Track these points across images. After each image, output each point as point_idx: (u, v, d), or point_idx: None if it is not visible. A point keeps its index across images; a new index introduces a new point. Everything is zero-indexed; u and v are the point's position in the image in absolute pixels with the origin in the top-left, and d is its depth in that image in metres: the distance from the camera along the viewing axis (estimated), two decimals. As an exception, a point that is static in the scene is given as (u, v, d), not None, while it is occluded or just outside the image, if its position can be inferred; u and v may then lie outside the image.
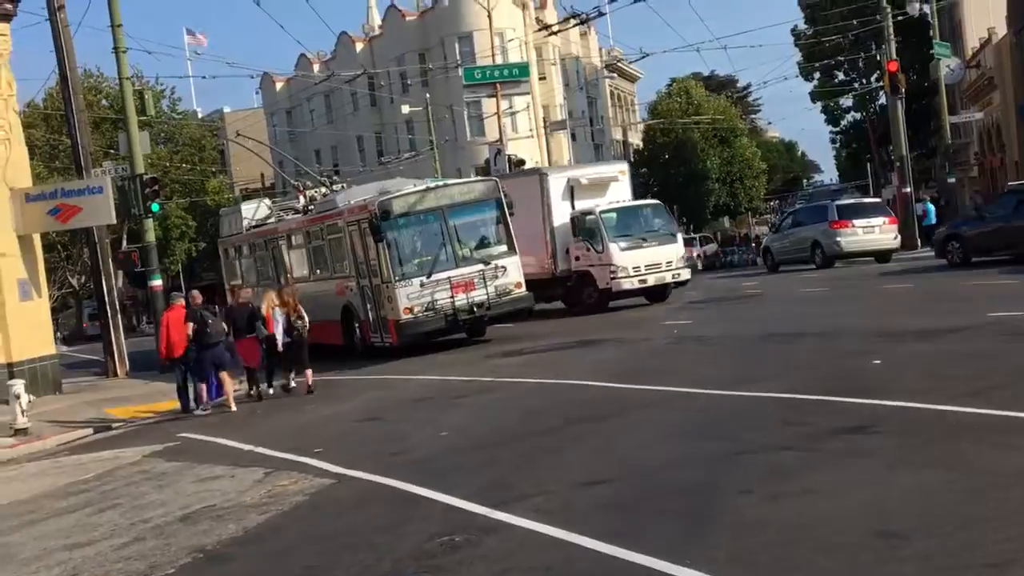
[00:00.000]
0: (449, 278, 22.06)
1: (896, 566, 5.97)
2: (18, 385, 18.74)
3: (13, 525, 11.13)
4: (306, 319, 19.68)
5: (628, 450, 10.19)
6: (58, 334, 40.34)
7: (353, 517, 9.21)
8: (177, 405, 18.98)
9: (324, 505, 9.82)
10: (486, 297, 22.23)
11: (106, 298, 28.03)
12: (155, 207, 27.37)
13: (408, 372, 19.87)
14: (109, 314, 27.93)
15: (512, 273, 22.92)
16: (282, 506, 9.89)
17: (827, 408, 10.53)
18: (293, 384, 19.63)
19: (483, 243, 23.54)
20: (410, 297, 21.74)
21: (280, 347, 19.37)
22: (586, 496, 8.58)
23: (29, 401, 18.73)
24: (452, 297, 21.95)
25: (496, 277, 22.50)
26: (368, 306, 23.14)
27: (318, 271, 26.08)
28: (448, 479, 9.77)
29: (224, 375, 18.39)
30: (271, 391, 19.82)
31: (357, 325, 23.92)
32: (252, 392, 19.47)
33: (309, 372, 19.32)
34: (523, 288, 23.20)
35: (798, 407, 10.77)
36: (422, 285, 21.91)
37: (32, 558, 9.40)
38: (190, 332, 17.98)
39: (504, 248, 23.36)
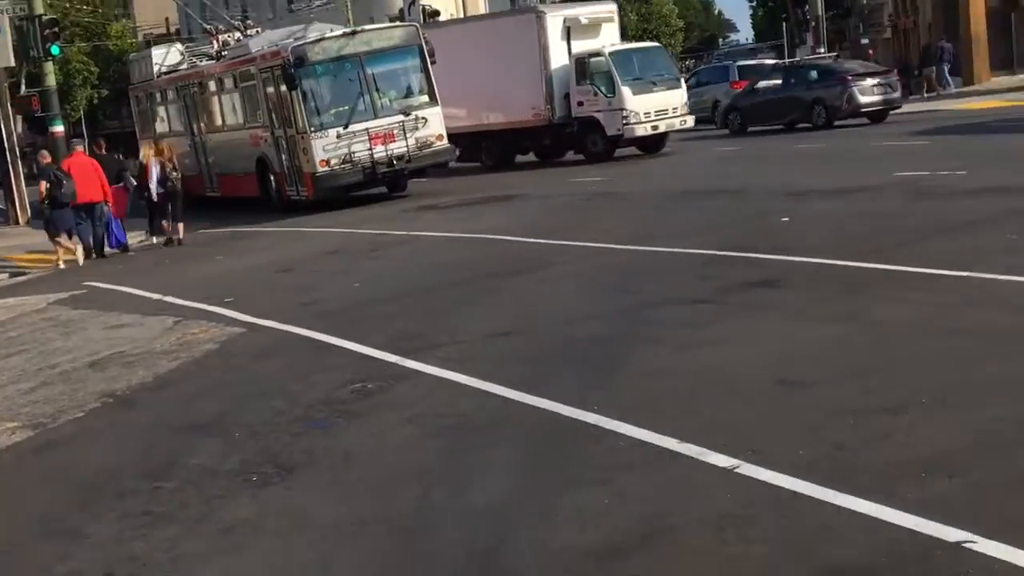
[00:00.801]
0: (367, 129, 21.41)
1: (795, 412, 6.21)
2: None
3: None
4: (179, 172, 20.40)
5: (541, 303, 10.38)
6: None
7: (265, 365, 9.31)
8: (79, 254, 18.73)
9: (235, 353, 9.90)
10: (406, 149, 21.59)
11: (4, 143, 27.27)
12: (55, 50, 26.37)
13: (323, 225, 19.80)
14: (9, 160, 27.24)
15: (433, 124, 22.19)
16: (192, 354, 9.94)
17: (737, 263, 10.75)
18: (176, 237, 19.92)
19: (404, 93, 22.71)
20: (326, 149, 21.14)
21: (155, 197, 19.79)
22: (497, 346, 8.76)
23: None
24: (371, 149, 21.32)
25: (417, 128, 21.82)
26: (283, 158, 22.56)
27: (232, 121, 25.43)
28: (360, 329, 9.89)
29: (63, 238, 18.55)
30: (154, 240, 20.44)
31: (272, 177, 23.37)
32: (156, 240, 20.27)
33: (181, 225, 19.93)
34: (444, 140, 22.47)
35: (709, 262, 10.98)
36: (339, 136, 21.27)
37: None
38: (43, 191, 18.09)
39: (425, 98, 22.54)
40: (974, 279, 8.69)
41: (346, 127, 21.33)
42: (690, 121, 27.08)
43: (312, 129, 21.22)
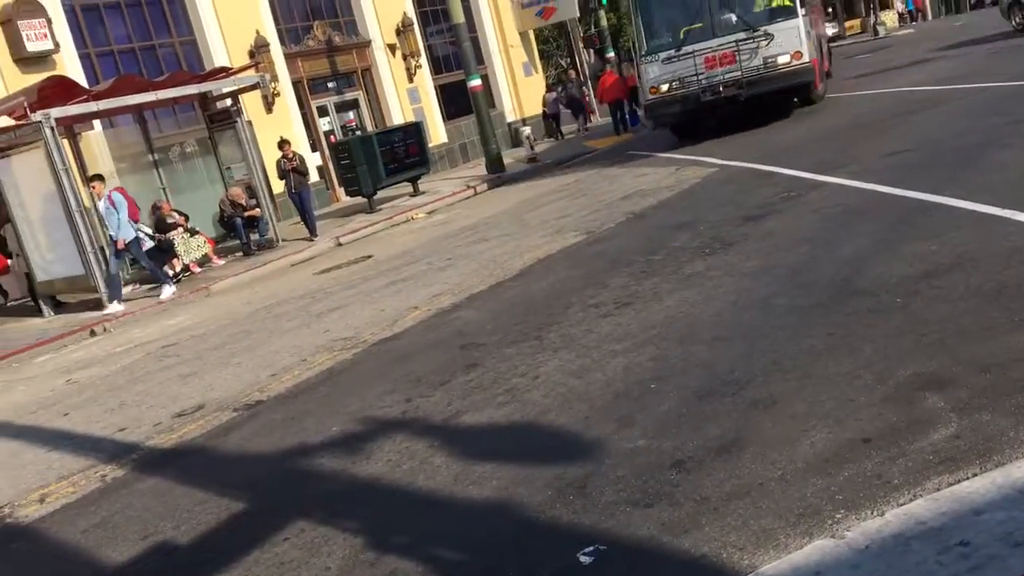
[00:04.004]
0: (698, 52, 14.53)
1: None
2: (527, 130, 20.73)
3: (539, 204, 12.87)
4: None
5: (927, 130, 9.96)
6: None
7: (726, 187, 9.86)
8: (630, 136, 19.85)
9: (709, 183, 10.51)
10: (739, 74, 14.32)
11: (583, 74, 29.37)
12: (604, 0, 27.88)
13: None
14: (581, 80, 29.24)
15: (786, 40, 14.20)
16: (683, 186, 10.72)
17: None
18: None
19: (750, 5, 14.81)
20: (655, 76, 14.89)
21: None
22: (887, 162, 8.67)
23: (534, 140, 20.68)
24: (698, 75, 14.53)
25: (759, 48, 14.28)
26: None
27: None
28: (794, 160, 10.14)
29: None
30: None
31: None
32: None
33: None
34: (803, 58, 14.22)
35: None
36: (668, 60, 14.76)
37: (537, 224, 11.00)
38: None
39: (781, 6, 14.52)
40: None
41: (679, 50, 14.72)
42: None
43: (644, 53, 15.17)
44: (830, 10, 45.36)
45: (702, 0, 14.81)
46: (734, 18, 14.64)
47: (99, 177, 12.65)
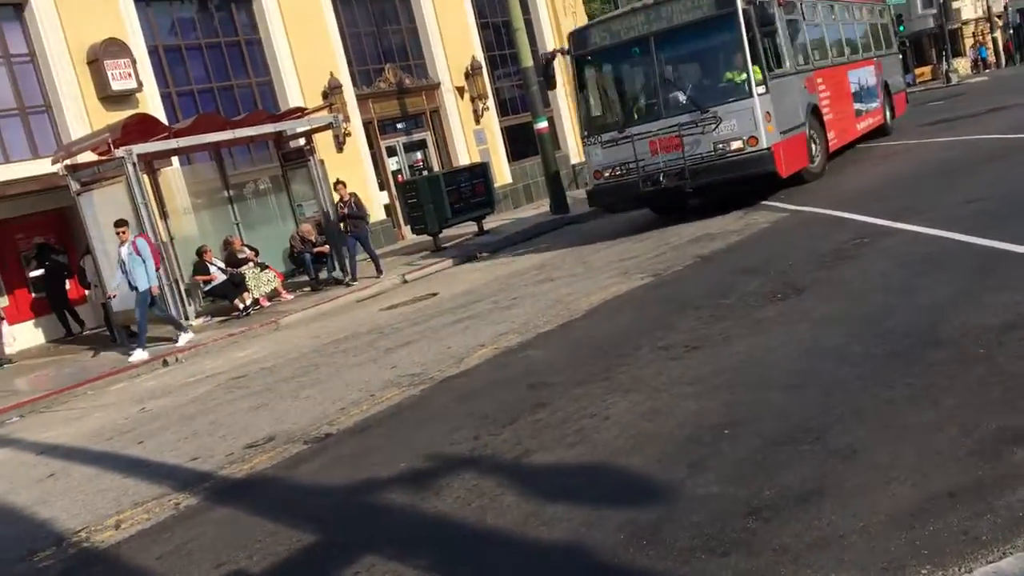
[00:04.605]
0: (644, 134, 12.49)
1: None
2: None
3: (603, 245, 12.75)
4: None
5: (1004, 179, 9.71)
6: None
7: (798, 232, 9.74)
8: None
9: (778, 227, 10.38)
10: (683, 164, 12.25)
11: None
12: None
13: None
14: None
15: (740, 122, 12.05)
16: (752, 230, 10.59)
17: None
18: None
19: (703, 80, 12.80)
20: (598, 159, 13.14)
21: None
22: (961, 210, 8.46)
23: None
24: (638, 161, 12.54)
25: (707, 131, 12.15)
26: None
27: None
28: (865, 206, 9.99)
29: None
30: None
31: None
32: None
33: None
34: (759, 143, 12.03)
35: None
36: (612, 144, 12.87)
37: (602, 264, 10.96)
38: None
39: (736, 84, 12.16)
40: None
41: (621, 131, 12.73)
42: None
43: (585, 135, 13.45)
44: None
45: (648, 75, 12.79)
46: (682, 96, 12.49)
47: (125, 222, 12.65)
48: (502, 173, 24.69)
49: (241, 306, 14.53)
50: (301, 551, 4.19)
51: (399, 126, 22.90)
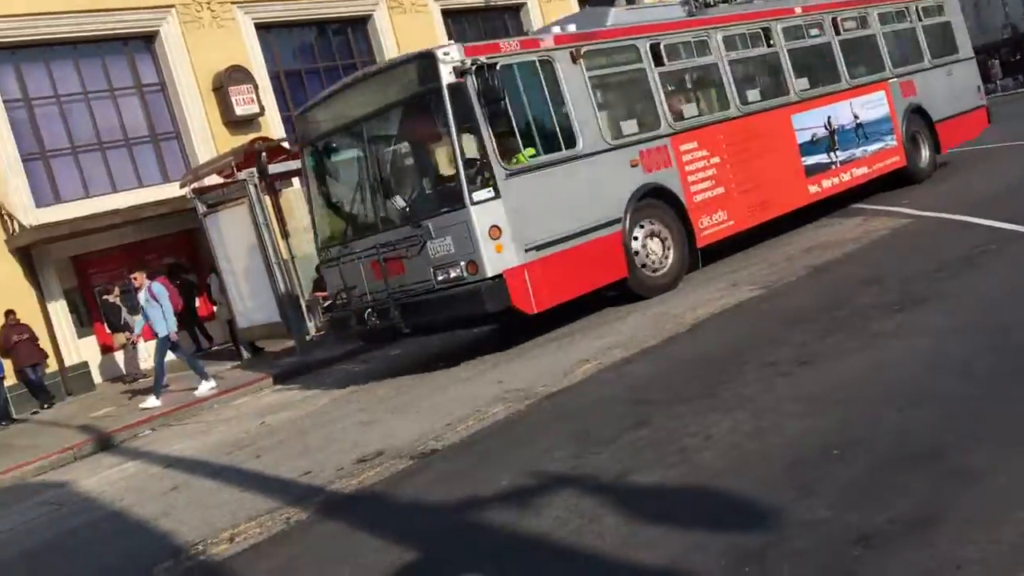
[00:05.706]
0: (360, 253, 9.38)
1: None
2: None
3: (713, 256, 12.50)
4: None
5: None
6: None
7: (920, 239, 9.32)
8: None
9: (899, 235, 9.93)
10: (385, 291, 9.08)
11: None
12: None
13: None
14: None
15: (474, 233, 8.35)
16: (870, 238, 10.15)
17: None
18: None
19: (418, 184, 9.64)
20: (317, 279, 11.30)
21: None
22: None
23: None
24: (350, 287, 9.62)
25: (429, 248, 8.61)
26: None
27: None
28: (992, 211, 9.43)
29: None
30: None
31: None
32: None
33: None
34: (478, 271, 8.41)
35: None
36: (329, 262, 10.03)
37: (710, 276, 10.68)
38: None
39: (464, 185, 8.31)
40: None
41: (345, 246, 9.65)
42: None
43: (318, 248, 10.31)
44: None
45: (364, 174, 9.56)
46: (400, 203, 9.17)
47: (140, 268, 12.80)
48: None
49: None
50: (404, 568, 4.22)
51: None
